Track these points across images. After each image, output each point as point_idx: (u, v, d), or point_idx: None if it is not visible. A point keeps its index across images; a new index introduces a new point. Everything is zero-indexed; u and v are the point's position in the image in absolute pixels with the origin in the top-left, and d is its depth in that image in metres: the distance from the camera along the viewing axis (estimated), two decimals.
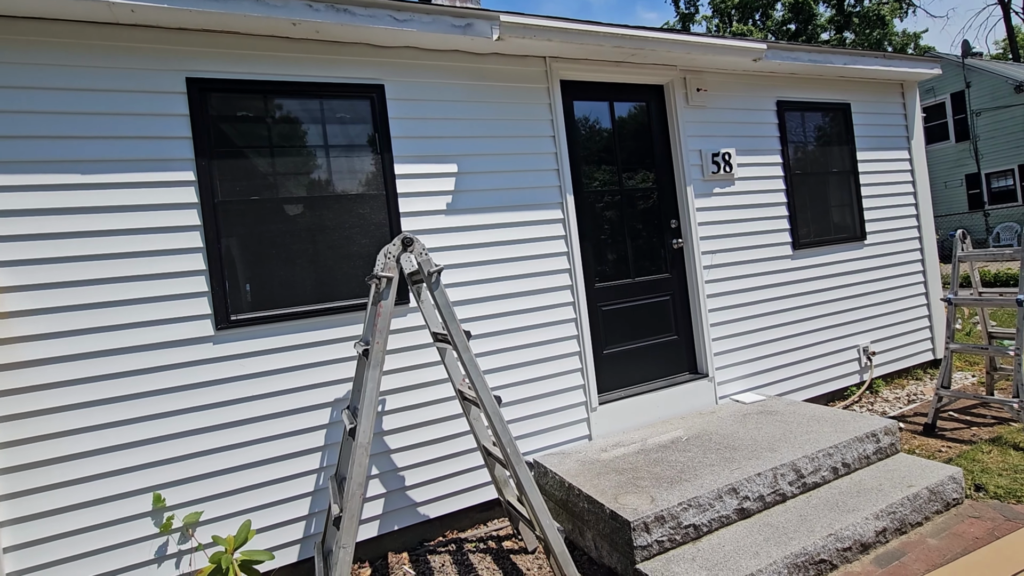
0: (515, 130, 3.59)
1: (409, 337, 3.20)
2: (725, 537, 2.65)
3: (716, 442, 3.37)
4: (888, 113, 5.41)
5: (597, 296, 3.93)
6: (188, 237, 2.74)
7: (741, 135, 4.48)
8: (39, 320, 2.47)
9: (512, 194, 3.56)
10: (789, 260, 4.65)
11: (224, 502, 2.74)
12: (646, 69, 4.07)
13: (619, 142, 4.14)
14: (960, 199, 17.26)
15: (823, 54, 4.71)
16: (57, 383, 2.48)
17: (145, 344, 2.64)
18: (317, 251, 3.05)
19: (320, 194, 3.09)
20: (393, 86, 3.26)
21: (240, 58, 2.90)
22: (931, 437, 3.97)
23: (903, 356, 5.24)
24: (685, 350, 4.25)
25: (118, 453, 2.56)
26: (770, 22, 31.44)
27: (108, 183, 2.61)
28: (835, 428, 3.36)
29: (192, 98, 2.79)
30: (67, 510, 2.47)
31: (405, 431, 3.16)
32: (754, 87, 4.58)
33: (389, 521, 3.09)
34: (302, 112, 3.10)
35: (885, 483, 3.00)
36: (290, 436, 2.89)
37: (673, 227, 4.24)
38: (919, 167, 5.52)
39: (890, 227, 5.29)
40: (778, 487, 2.91)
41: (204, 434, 2.72)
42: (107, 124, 2.63)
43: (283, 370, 2.91)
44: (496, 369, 3.42)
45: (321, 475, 2.95)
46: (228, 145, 2.90)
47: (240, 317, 2.83)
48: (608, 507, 2.68)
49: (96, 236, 2.58)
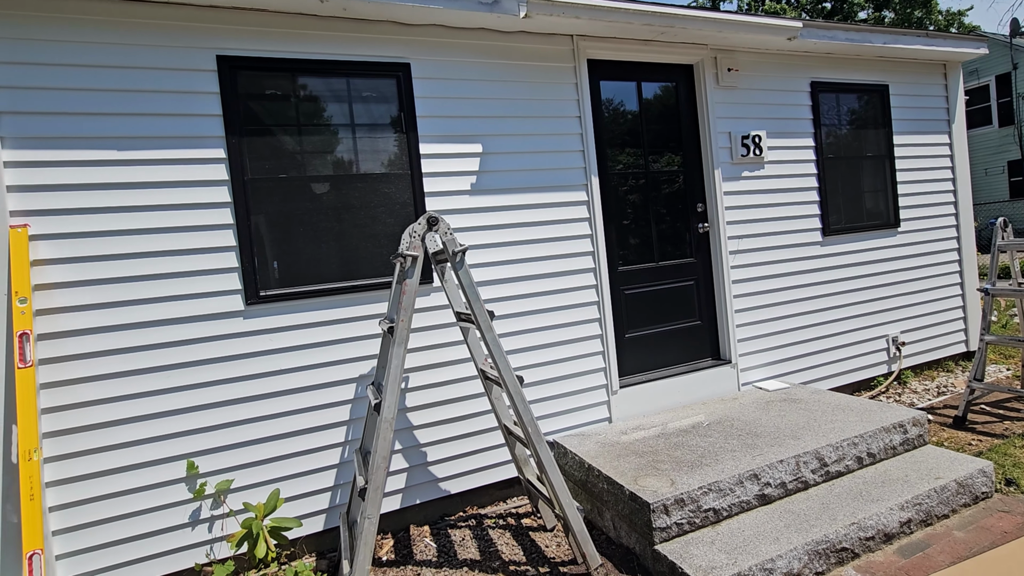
0: (541, 110, 3.56)
1: (432, 316, 3.24)
2: (745, 522, 2.65)
3: (738, 428, 3.35)
4: (928, 95, 5.19)
5: (620, 280, 3.90)
6: (219, 214, 2.80)
7: (772, 117, 4.36)
8: (78, 292, 2.56)
9: (536, 175, 3.54)
10: (818, 247, 4.54)
11: (253, 471, 2.83)
12: (676, 48, 3.97)
13: (646, 124, 4.06)
14: (1001, 187, 16.57)
15: (861, 33, 4.53)
16: (96, 352, 2.58)
17: (178, 317, 2.72)
18: (343, 229, 3.09)
19: (346, 173, 3.12)
20: (419, 65, 3.24)
21: (269, 36, 2.92)
22: (961, 430, 3.88)
23: (934, 347, 5.10)
24: (708, 335, 4.20)
25: (153, 421, 2.66)
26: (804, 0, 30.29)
27: (143, 159, 2.68)
28: (861, 418, 3.31)
29: (222, 76, 2.82)
30: (106, 473, 2.58)
31: (428, 408, 3.21)
32: (787, 67, 4.44)
33: (411, 495, 3.16)
34: (329, 91, 3.11)
35: (912, 474, 2.95)
36: (316, 410, 2.97)
37: (699, 211, 4.17)
38: (959, 152, 5.30)
39: (926, 214, 5.12)
40: (800, 475, 2.89)
41: (234, 405, 2.81)
42: (141, 101, 2.68)
43: (310, 345, 2.97)
44: (518, 350, 3.43)
45: (346, 448, 3.02)
46: (257, 123, 2.93)
47: (269, 293, 2.89)
48: (628, 488, 2.69)
49: (131, 211, 2.65)
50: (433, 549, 2.95)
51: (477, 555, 2.85)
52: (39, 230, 2.50)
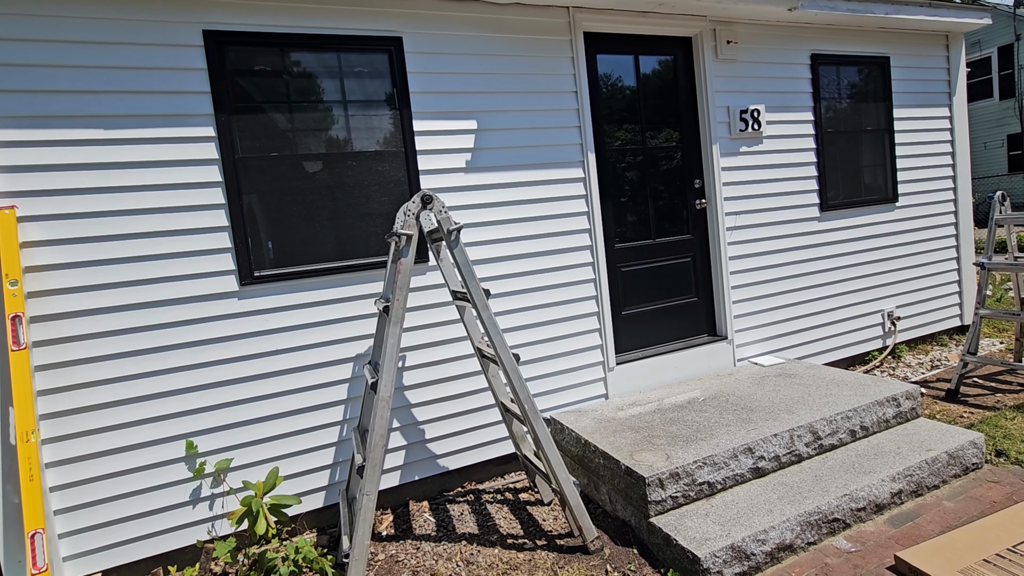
0: (536, 85, 3.49)
1: (428, 295, 3.23)
2: (739, 495, 2.69)
3: (733, 403, 3.38)
4: (930, 67, 5.11)
5: (617, 256, 3.89)
6: (210, 193, 2.76)
7: (771, 91, 4.30)
8: (71, 274, 2.53)
9: (532, 152, 3.49)
10: (816, 222, 4.52)
11: (252, 450, 2.85)
12: (674, 20, 3.89)
13: (643, 98, 4.00)
14: (1000, 160, 16.48)
15: (863, 3, 4.43)
16: (90, 334, 2.57)
17: (172, 298, 2.70)
18: (337, 208, 3.05)
19: (339, 151, 3.07)
20: (411, 39, 3.17)
21: (257, 9, 2.84)
22: (953, 403, 3.93)
23: (929, 322, 5.13)
24: (705, 312, 4.21)
25: (151, 402, 2.67)
26: None
27: (130, 138, 2.62)
28: (855, 392, 3.34)
29: (209, 51, 2.75)
30: (105, 454, 2.60)
31: (425, 387, 3.23)
32: (787, 39, 4.36)
33: (410, 471, 3.19)
34: (320, 66, 3.04)
35: (903, 447, 2.99)
36: (314, 389, 2.98)
37: (697, 187, 4.14)
38: (959, 126, 5.25)
39: (924, 188, 5.09)
40: (794, 448, 2.92)
41: (232, 385, 2.81)
42: (126, 78, 2.62)
43: (306, 325, 2.96)
44: (514, 328, 3.44)
45: (344, 427, 3.04)
46: (247, 100, 2.87)
47: (263, 273, 2.87)
48: (623, 463, 2.72)
49: (121, 191, 2.61)
50: (432, 524, 2.99)
51: (475, 529, 2.90)
52: (27, 211, 2.46)
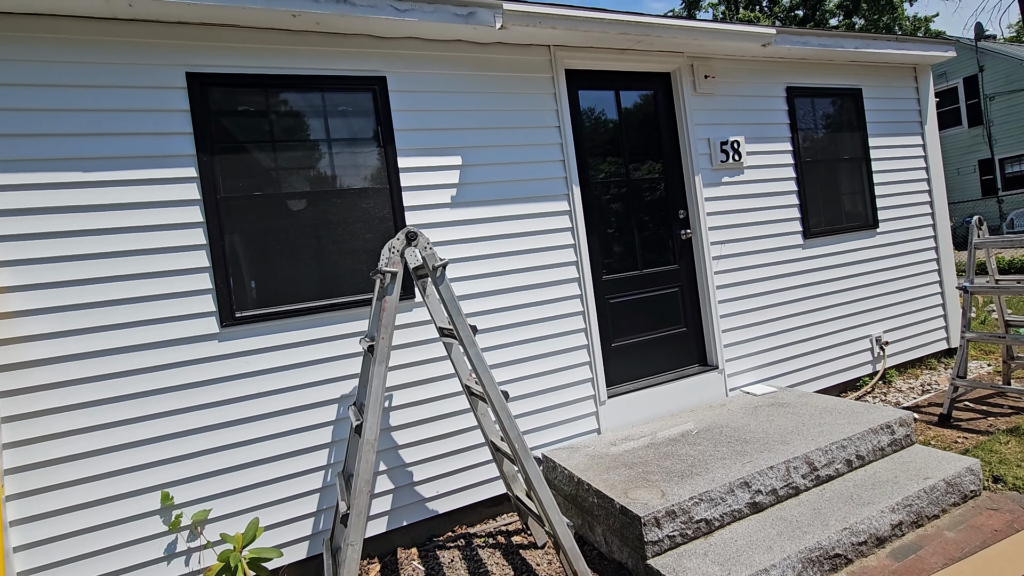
0: (520, 121, 3.54)
1: (415, 332, 3.18)
2: (737, 531, 2.62)
3: (727, 435, 3.33)
4: (900, 98, 5.29)
5: (605, 288, 3.88)
6: (191, 234, 2.72)
7: (750, 123, 4.40)
8: (43, 320, 2.45)
9: (517, 186, 3.51)
10: (800, 249, 4.57)
11: (232, 499, 2.73)
12: (652, 56, 3.99)
13: (625, 132, 4.07)
14: (973, 185, 16.99)
15: (834, 38, 4.61)
16: (63, 382, 2.47)
17: (150, 342, 2.62)
18: (321, 246, 3.02)
19: (323, 189, 3.06)
20: (395, 78, 3.21)
21: (240, 52, 2.86)
22: (947, 428, 3.91)
23: (917, 345, 5.16)
24: (695, 342, 4.19)
25: (125, 452, 2.56)
26: (777, 8, 30.97)
27: (109, 180, 2.59)
28: (848, 420, 3.30)
29: (192, 93, 2.75)
30: (75, 509, 2.47)
31: (413, 426, 3.14)
32: (763, 73, 4.49)
33: (398, 517, 3.07)
34: (304, 106, 3.06)
35: (901, 475, 2.95)
36: (297, 433, 2.88)
37: (681, 217, 4.17)
38: (932, 153, 5.40)
39: (903, 215, 5.19)
40: (791, 480, 2.86)
41: (211, 432, 2.71)
42: (107, 121, 2.60)
43: (289, 367, 2.89)
44: (503, 363, 3.38)
45: (329, 471, 2.93)
46: (230, 140, 2.87)
47: (245, 314, 2.81)
48: (618, 502, 2.64)
49: (99, 234, 2.56)
50: (421, 573, 2.86)
51: None
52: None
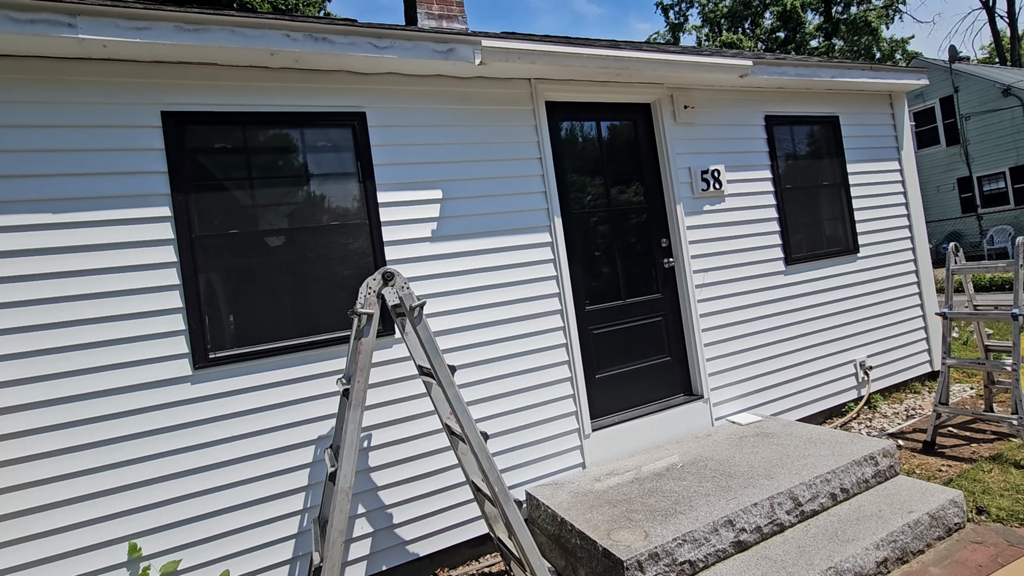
0: (501, 153, 3.55)
1: (396, 369, 3.13)
2: (722, 572, 2.57)
3: (712, 468, 3.29)
4: (877, 124, 5.39)
5: (588, 319, 3.86)
6: (164, 274, 2.67)
7: (730, 151, 4.45)
8: (6, 366, 2.38)
9: (498, 218, 3.50)
10: (782, 276, 4.60)
11: (204, 548, 2.64)
12: (633, 87, 4.04)
13: (607, 162, 4.09)
14: (953, 203, 17.31)
15: (810, 68, 4.70)
16: (26, 431, 2.39)
17: (119, 387, 2.55)
18: (299, 284, 2.98)
19: (302, 225, 3.03)
20: (375, 113, 3.21)
21: (217, 89, 2.85)
22: (931, 455, 3.90)
23: (901, 369, 5.18)
24: (679, 371, 4.18)
25: (92, 502, 2.47)
26: (759, 30, 31.75)
27: (80, 221, 2.54)
28: (832, 451, 3.29)
29: (168, 131, 2.73)
30: (39, 563, 2.37)
31: (393, 466, 3.08)
32: (742, 103, 4.56)
33: (377, 561, 2.99)
34: (282, 142, 3.04)
35: (885, 509, 2.92)
36: (272, 477, 2.80)
37: (664, 246, 4.19)
38: (910, 177, 5.50)
39: (883, 239, 5.25)
40: (775, 517, 2.83)
41: (182, 478, 2.63)
42: (79, 161, 2.56)
43: (264, 408, 2.82)
44: (485, 399, 3.34)
45: (305, 516, 2.85)
46: (206, 178, 2.84)
47: (219, 355, 2.75)
48: (601, 544, 2.59)
49: (67, 277, 2.50)
50: None
51: None
52: None
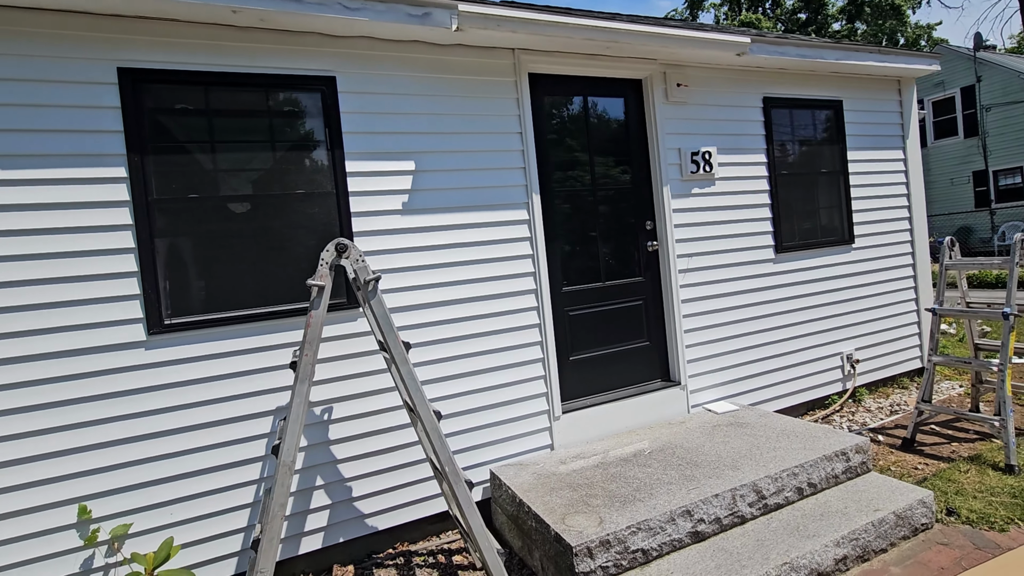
0: (479, 126, 3.42)
1: (361, 343, 3.07)
2: (675, 562, 2.53)
3: (679, 456, 3.24)
4: (883, 111, 5.18)
5: (564, 300, 3.78)
6: (118, 237, 2.61)
7: (723, 133, 4.29)
8: None
9: (474, 193, 3.40)
10: (771, 264, 4.48)
11: (156, 513, 2.63)
12: (623, 62, 3.88)
13: (592, 140, 3.96)
14: (967, 196, 16.90)
15: (814, 48, 4.49)
16: None
17: (71, 349, 2.51)
18: (262, 252, 2.91)
19: (266, 192, 2.94)
20: (346, 78, 3.09)
21: (178, 47, 2.74)
22: (909, 452, 3.83)
23: (889, 364, 5.08)
24: (658, 357, 4.10)
25: (41, 463, 2.45)
26: (780, 11, 30.80)
27: (30, 179, 2.47)
28: (804, 444, 3.22)
29: (124, 89, 2.63)
30: None
31: (353, 440, 3.05)
32: (739, 83, 4.38)
33: (335, 533, 2.98)
34: (247, 105, 2.94)
35: (851, 506, 2.86)
36: (228, 445, 2.78)
37: (648, 229, 4.07)
38: (914, 168, 5.30)
39: (881, 230, 5.09)
40: (736, 509, 2.78)
41: (135, 443, 2.61)
42: (30, 116, 2.48)
43: (223, 376, 2.78)
44: (454, 376, 3.29)
45: (261, 486, 2.83)
46: (165, 140, 2.75)
47: (175, 321, 2.70)
48: (553, 528, 2.56)
49: (15, 235, 2.44)
50: None
51: None
52: None
